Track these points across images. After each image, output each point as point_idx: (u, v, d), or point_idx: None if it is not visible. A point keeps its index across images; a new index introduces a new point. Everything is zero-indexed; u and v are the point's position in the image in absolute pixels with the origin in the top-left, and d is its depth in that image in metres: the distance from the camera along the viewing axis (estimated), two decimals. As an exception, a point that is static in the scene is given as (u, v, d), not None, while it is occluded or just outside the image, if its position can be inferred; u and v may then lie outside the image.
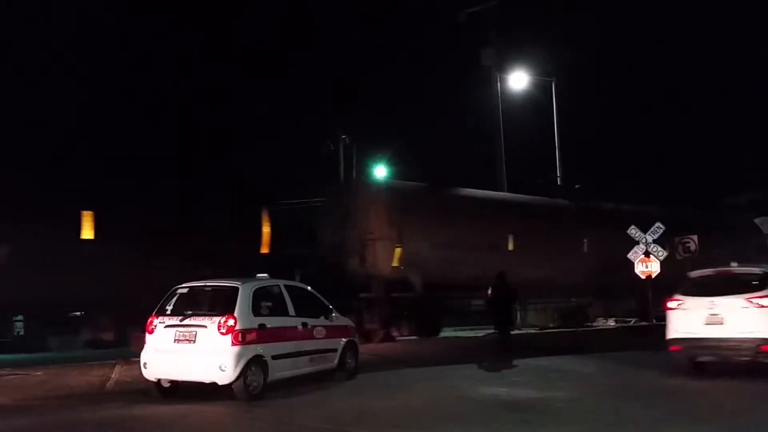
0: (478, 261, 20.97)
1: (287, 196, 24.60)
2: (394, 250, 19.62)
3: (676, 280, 21.89)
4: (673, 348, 13.14)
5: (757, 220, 30.68)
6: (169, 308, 11.53)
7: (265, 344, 11.18)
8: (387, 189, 21.04)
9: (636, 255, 21.67)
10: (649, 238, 21.57)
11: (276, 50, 47.77)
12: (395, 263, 19.61)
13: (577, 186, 28.87)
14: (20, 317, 19.11)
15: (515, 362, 15.51)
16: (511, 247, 22.46)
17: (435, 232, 20.82)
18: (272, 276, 12.79)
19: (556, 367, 14.89)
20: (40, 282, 16.36)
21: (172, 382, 11.30)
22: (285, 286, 12.37)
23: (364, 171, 32.45)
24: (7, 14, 22.60)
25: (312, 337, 12.30)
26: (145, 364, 11.28)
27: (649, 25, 52.75)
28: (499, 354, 16.64)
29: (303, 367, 12.09)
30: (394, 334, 20.05)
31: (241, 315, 10.95)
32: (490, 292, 17.45)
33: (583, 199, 26.74)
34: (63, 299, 17.40)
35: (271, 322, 11.49)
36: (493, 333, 18.08)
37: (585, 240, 24.83)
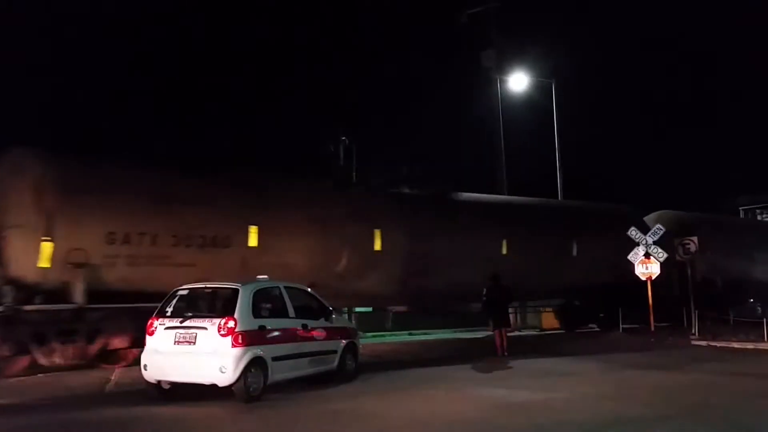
0: (197, 260, 15.89)
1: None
2: (39, 245, 14.27)
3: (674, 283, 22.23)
4: None
5: (649, 217, 26.90)
6: (169, 310, 11.54)
7: (265, 346, 11.17)
8: (38, 160, 14.99)
9: (636, 256, 21.68)
10: (650, 240, 21.59)
11: (275, 52, 47.81)
12: (43, 263, 14.32)
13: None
14: None
15: (514, 363, 15.52)
16: (254, 242, 16.95)
17: (123, 222, 15.15)
18: None
19: (554, 368, 14.89)
20: None
21: (172, 383, 11.28)
22: (285, 287, 12.37)
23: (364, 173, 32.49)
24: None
25: (312, 339, 12.30)
26: (145, 365, 11.27)
27: (649, 27, 52.77)
28: (497, 355, 16.68)
29: (303, 368, 12.09)
30: (43, 361, 14.02)
31: (241, 317, 10.95)
32: (484, 293, 17.50)
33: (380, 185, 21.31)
34: None
35: (271, 323, 11.49)
36: (491, 334, 18.11)
37: (349, 234, 18.72)
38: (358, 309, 24.42)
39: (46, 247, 14.33)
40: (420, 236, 19.79)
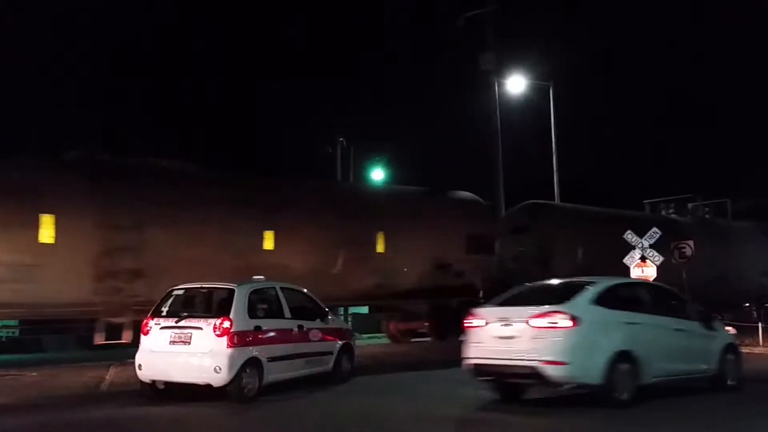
0: None
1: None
2: None
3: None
4: None
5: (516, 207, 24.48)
6: (164, 309, 11.55)
7: (260, 346, 11.17)
8: None
9: (632, 260, 21.64)
10: (646, 243, 21.55)
11: (273, 55, 47.86)
12: None
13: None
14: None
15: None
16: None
17: None
18: None
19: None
20: None
21: (167, 383, 11.28)
22: (281, 288, 12.37)
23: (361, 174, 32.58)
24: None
25: (308, 340, 12.30)
26: (140, 365, 11.27)
27: (645, 29, 52.91)
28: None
29: (298, 369, 12.09)
30: None
31: (236, 317, 10.94)
32: (481, 296, 17.58)
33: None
34: None
35: (267, 324, 11.49)
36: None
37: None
38: (353, 310, 24.41)
39: None
40: (130, 225, 15.26)
